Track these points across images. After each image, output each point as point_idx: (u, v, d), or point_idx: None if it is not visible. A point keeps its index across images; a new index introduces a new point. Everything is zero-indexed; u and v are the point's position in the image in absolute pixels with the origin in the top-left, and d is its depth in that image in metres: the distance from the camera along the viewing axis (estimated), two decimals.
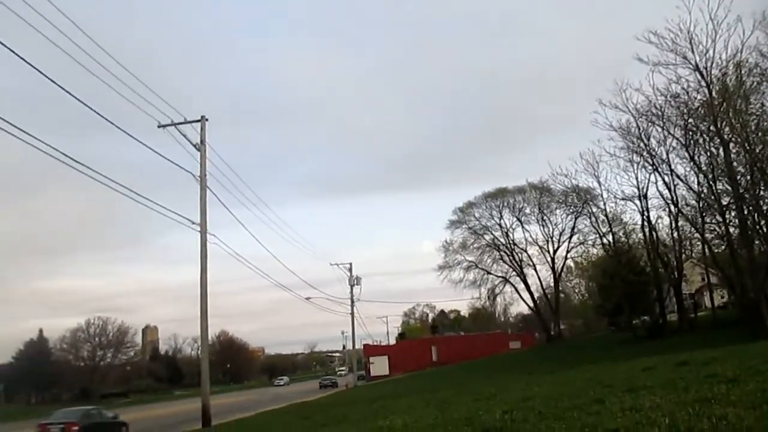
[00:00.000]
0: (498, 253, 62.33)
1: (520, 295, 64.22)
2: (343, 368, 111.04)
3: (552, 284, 60.81)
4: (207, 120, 26.36)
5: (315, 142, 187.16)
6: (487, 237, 62.21)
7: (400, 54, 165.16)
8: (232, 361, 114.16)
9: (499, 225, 61.65)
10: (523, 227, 60.87)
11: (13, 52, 12.97)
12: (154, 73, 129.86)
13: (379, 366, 77.79)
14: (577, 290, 71.17)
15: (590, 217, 48.44)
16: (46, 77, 14.50)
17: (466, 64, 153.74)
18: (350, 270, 60.33)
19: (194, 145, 25.62)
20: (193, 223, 25.36)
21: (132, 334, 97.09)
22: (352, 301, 60.33)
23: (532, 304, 64.14)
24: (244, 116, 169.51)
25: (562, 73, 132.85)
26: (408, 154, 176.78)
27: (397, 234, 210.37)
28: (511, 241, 61.46)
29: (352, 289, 60.28)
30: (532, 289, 62.78)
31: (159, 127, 24.33)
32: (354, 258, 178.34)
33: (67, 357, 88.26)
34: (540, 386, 15.22)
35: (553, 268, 59.49)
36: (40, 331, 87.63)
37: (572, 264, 61.28)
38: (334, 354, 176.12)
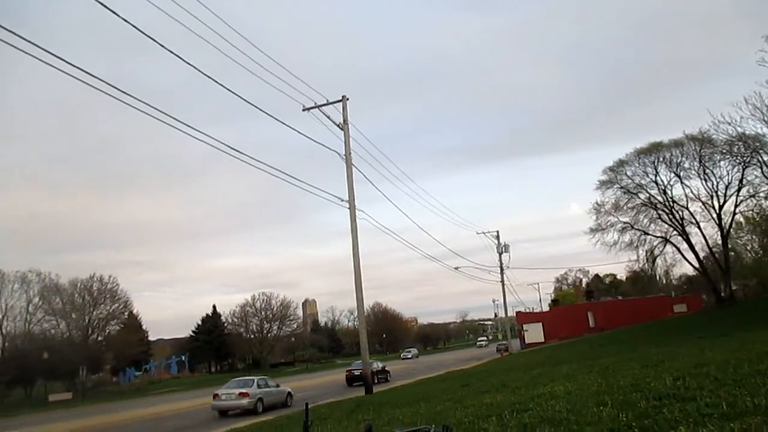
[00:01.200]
0: (655, 212, 58.33)
1: (683, 256, 59.85)
2: (483, 338, 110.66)
3: (719, 242, 56.06)
4: (348, 99, 27.07)
5: (455, 110, 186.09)
6: (641, 196, 58.37)
7: (546, 10, 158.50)
8: (387, 331, 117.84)
9: (655, 182, 57.54)
10: (682, 183, 56.35)
11: (175, 54, 14.04)
12: (296, 56, 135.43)
13: (534, 333, 76.65)
14: (749, 247, 65.07)
15: (761, 167, 43.85)
16: (201, 72, 15.56)
17: (621, 15, 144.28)
18: (497, 238, 59.81)
19: (337, 125, 26.45)
20: (342, 200, 26.33)
21: (294, 307, 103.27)
22: (501, 269, 59.87)
23: (697, 265, 59.65)
24: (383, 90, 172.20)
25: (721, 11, 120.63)
26: (553, 116, 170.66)
27: (543, 199, 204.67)
28: (669, 199, 57.21)
29: (500, 256, 59.82)
30: (697, 248, 58.21)
31: (304, 110, 25.34)
32: (500, 225, 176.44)
33: (238, 330, 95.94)
34: (713, 351, 14.19)
35: (719, 225, 54.69)
36: (214, 307, 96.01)
37: (742, 219, 56.02)
38: (486, 322, 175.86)
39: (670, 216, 58.08)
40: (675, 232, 58.47)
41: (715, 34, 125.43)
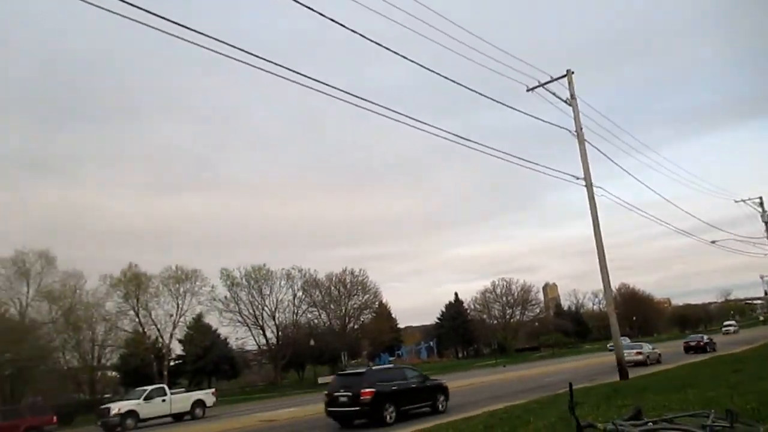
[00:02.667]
0: None
1: None
2: (731, 323, 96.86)
3: None
4: (573, 73, 25.93)
5: (692, 69, 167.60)
6: None
7: None
8: (637, 314, 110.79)
9: None
10: None
11: (400, 54, 14.65)
12: (515, 36, 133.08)
13: None
14: None
15: None
16: (426, 68, 16.02)
17: None
18: (761, 205, 52.62)
19: (564, 101, 25.47)
20: (577, 178, 25.32)
21: (534, 292, 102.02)
22: None
23: None
24: (609, 60, 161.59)
25: None
26: None
27: None
28: None
29: (767, 225, 52.61)
30: None
31: (528, 90, 24.80)
32: (764, 191, 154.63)
33: (480, 316, 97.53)
34: None
35: None
36: (455, 294, 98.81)
37: None
38: (754, 301, 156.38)
39: None
40: None
41: None
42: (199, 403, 35.30)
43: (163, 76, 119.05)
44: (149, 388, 35.03)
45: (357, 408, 18.90)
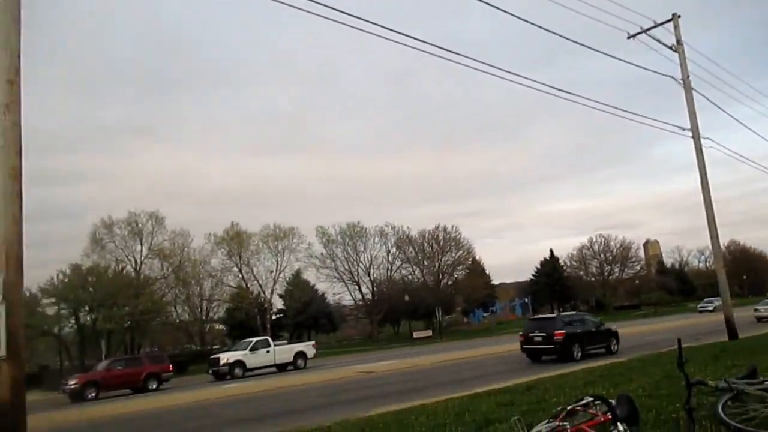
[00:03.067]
0: None
1: None
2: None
3: None
4: (679, 17, 24.27)
5: None
6: None
7: None
8: (747, 272, 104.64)
9: None
10: None
11: (493, 5, 14.23)
12: None
13: None
14: None
15: None
16: (521, 19, 15.50)
17: None
18: None
19: (670, 47, 23.96)
20: (683, 129, 23.99)
21: (635, 249, 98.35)
22: None
23: None
24: (717, 1, 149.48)
25: None
26: None
27: None
28: None
29: None
30: None
31: (629, 37, 23.47)
32: None
33: (577, 273, 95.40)
34: None
35: None
36: (551, 251, 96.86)
37: None
38: None
39: None
40: None
41: None
42: (301, 354, 36.93)
43: (256, 41, 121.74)
44: (254, 340, 36.99)
45: (551, 346, 22.67)
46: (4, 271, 6.66)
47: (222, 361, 33.29)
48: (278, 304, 70.60)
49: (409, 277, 78.59)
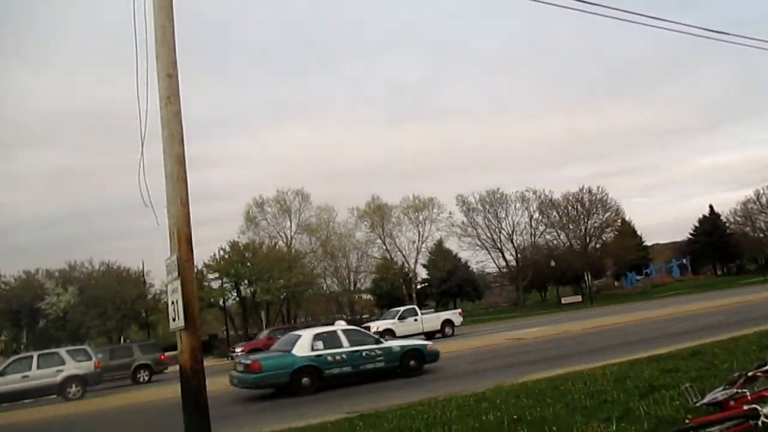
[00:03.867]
0: None
1: None
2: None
3: None
4: None
5: None
6: None
7: None
8: None
9: None
10: None
11: None
12: None
13: None
14: None
15: None
16: None
17: None
18: None
19: None
20: None
21: None
22: None
23: None
24: None
25: None
26: None
27: None
28: None
29: None
30: None
31: None
32: None
33: (742, 229, 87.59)
34: None
35: None
36: (710, 207, 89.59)
37: None
38: None
39: None
40: None
41: None
42: (448, 322, 37.34)
43: (386, 11, 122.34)
44: (402, 308, 37.91)
45: None
46: (177, 250, 7.30)
47: (372, 329, 34.46)
48: (422, 273, 71.66)
49: (554, 242, 76.46)
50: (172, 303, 7.25)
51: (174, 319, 7.19)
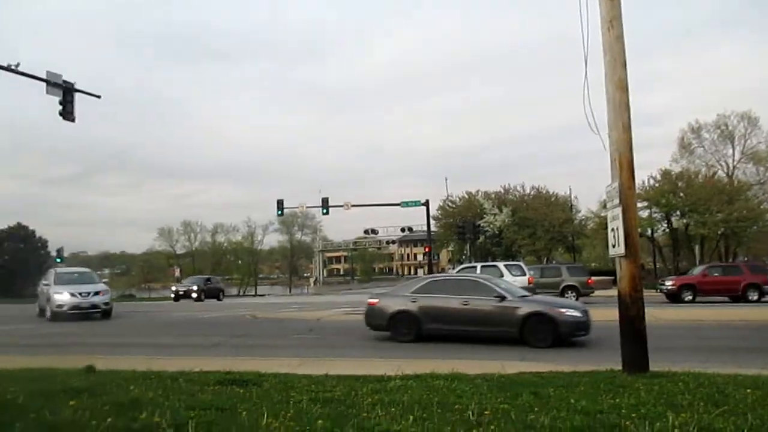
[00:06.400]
0: None
1: None
2: None
3: None
4: None
5: None
6: None
7: None
8: None
9: None
10: None
11: None
12: None
13: None
14: None
15: None
16: None
17: None
18: None
19: None
20: None
21: None
22: None
23: None
24: None
25: None
26: None
27: None
28: None
29: None
30: None
31: None
32: None
33: None
34: None
35: None
36: None
37: None
38: None
39: None
40: None
41: None
42: None
43: None
44: None
45: None
46: (619, 177, 7.25)
47: None
48: None
49: None
50: (612, 230, 7.30)
51: (614, 246, 7.25)
